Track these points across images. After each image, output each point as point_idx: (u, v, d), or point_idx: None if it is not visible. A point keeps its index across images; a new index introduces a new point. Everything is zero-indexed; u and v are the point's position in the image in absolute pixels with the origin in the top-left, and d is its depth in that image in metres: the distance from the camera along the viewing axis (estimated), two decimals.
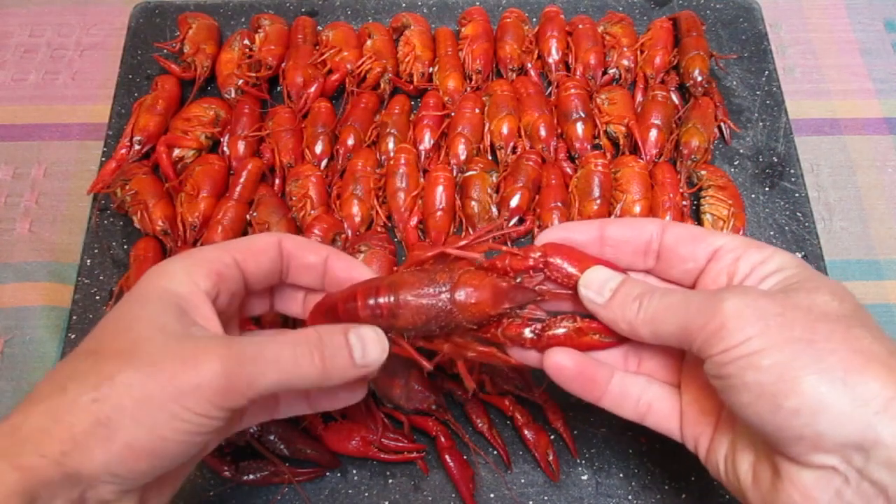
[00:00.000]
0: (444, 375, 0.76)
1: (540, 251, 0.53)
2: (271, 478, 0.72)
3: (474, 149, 0.91)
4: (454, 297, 0.53)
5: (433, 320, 0.53)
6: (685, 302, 0.47)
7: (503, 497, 0.72)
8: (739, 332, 0.43)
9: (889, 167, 0.96)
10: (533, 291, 0.54)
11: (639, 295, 0.50)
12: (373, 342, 0.51)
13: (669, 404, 0.54)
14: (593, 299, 0.51)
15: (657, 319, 0.48)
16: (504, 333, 0.54)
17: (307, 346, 0.49)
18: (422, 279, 0.54)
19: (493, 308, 0.53)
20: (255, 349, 0.47)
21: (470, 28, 0.99)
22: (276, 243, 0.54)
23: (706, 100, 0.94)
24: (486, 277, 0.54)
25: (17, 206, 0.93)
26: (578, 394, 0.54)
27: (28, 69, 1.04)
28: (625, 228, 0.54)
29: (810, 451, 0.42)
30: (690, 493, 0.72)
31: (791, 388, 0.41)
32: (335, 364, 0.49)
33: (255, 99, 0.95)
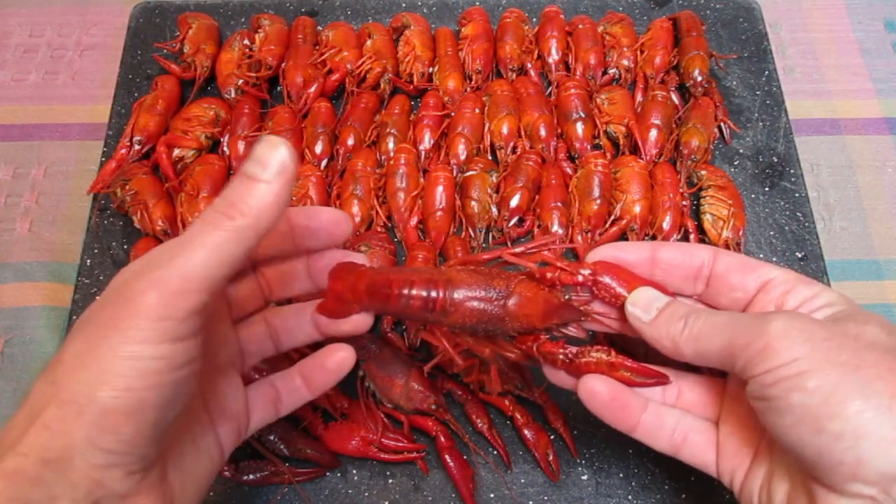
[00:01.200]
0: (444, 375, 0.76)
1: (590, 269, 0.54)
2: (271, 478, 0.72)
3: (474, 149, 0.91)
4: (508, 304, 0.53)
5: (482, 323, 0.54)
6: (731, 321, 0.47)
7: (503, 497, 0.72)
8: (786, 353, 0.43)
9: (889, 167, 0.96)
10: (579, 311, 0.55)
11: (685, 314, 0.50)
12: (266, 151, 0.43)
13: (705, 437, 0.54)
14: (640, 317, 0.52)
15: (702, 337, 0.48)
16: (539, 349, 0.55)
17: (212, 209, 0.43)
18: (479, 281, 0.54)
19: (542, 322, 0.54)
20: (169, 247, 0.43)
21: (470, 28, 0.99)
22: None
23: (706, 100, 0.94)
24: (540, 291, 0.54)
25: (17, 206, 0.93)
26: (611, 422, 0.54)
27: (28, 69, 1.04)
28: (677, 253, 0.54)
29: (849, 478, 0.41)
30: (690, 493, 0.72)
31: (835, 412, 0.41)
32: (249, 201, 0.43)
33: (255, 99, 0.94)
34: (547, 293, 0.55)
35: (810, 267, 0.83)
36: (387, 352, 0.76)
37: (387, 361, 0.75)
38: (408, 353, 0.77)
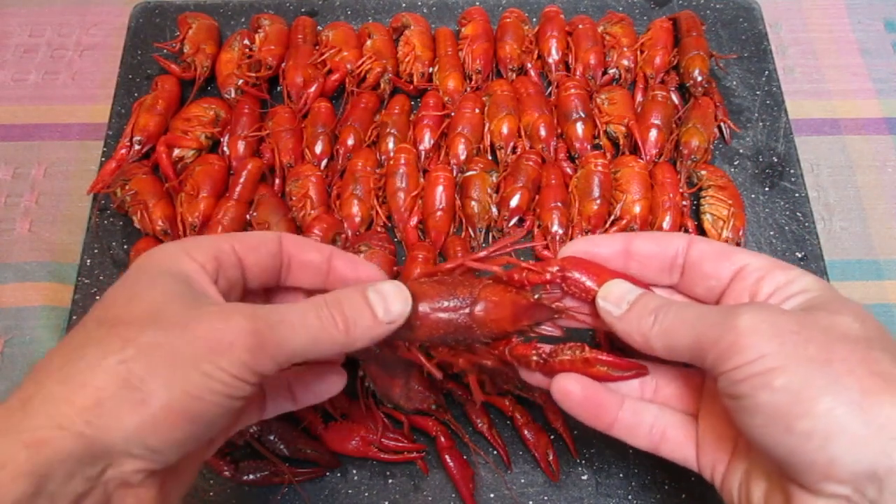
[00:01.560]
0: (444, 375, 0.76)
1: (558, 265, 0.53)
2: (271, 478, 0.72)
3: (474, 149, 0.91)
4: (474, 312, 0.53)
5: (451, 334, 0.53)
6: (701, 316, 0.46)
7: (503, 497, 0.72)
8: (753, 349, 0.42)
9: (889, 167, 0.96)
10: (551, 309, 0.53)
11: (655, 308, 0.49)
12: (393, 296, 0.50)
13: (684, 432, 0.53)
14: (610, 311, 0.51)
15: (671, 332, 0.47)
16: (512, 353, 0.54)
17: (327, 308, 0.47)
18: (441, 292, 0.53)
19: (512, 325, 0.53)
20: (279, 313, 0.45)
21: (470, 28, 0.99)
22: (276, 239, 0.53)
23: (706, 100, 0.94)
24: (506, 293, 0.53)
25: (17, 206, 0.93)
26: (587, 421, 0.52)
27: (28, 69, 1.04)
28: (651, 243, 0.53)
29: (822, 478, 0.40)
30: (690, 493, 0.72)
31: (805, 410, 0.40)
32: (358, 324, 0.48)
33: (255, 99, 0.94)
34: (514, 295, 0.53)
35: (810, 267, 0.83)
36: (387, 352, 0.75)
37: (387, 361, 0.75)
38: None
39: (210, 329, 0.42)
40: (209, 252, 0.48)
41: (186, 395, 0.40)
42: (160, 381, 0.40)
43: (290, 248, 0.54)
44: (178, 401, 0.40)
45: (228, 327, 0.42)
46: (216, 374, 0.41)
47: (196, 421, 0.42)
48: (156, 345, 0.41)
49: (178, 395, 0.40)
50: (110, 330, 0.41)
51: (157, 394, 0.40)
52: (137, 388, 0.39)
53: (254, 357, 0.43)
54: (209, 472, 0.73)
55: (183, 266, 0.47)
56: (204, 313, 0.43)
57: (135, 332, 0.41)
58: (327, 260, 0.54)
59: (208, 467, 0.72)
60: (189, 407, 0.41)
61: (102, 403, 0.39)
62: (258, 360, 0.43)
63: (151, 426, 0.40)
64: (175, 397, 0.40)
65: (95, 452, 0.39)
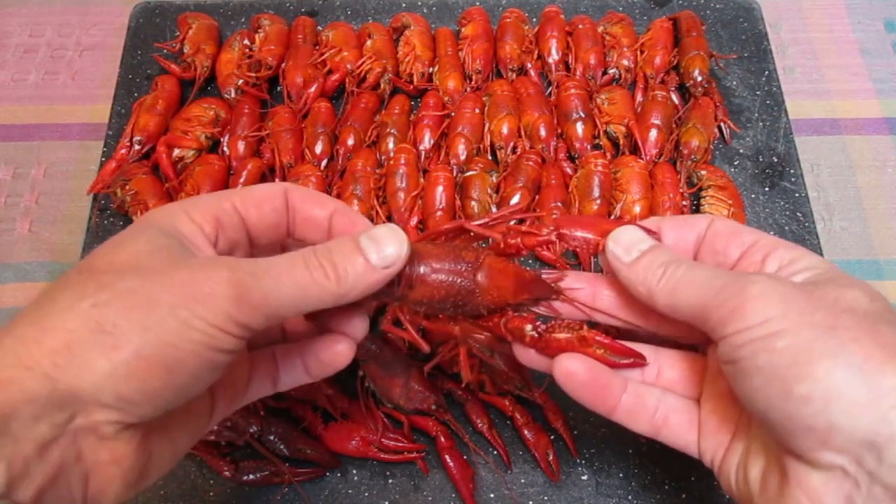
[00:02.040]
0: (444, 375, 0.76)
1: (553, 224, 0.52)
2: (271, 478, 0.72)
3: (474, 149, 0.91)
4: (478, 277, 0.51)
5: (451, 297, 0.51)
6: (710, 278, 0.45)
7: (503, 497, 0.72)
8: (758, 313, 0.41)
9: (889, 167, 0.96)
10: (551, 288, 0.52)
11: (665, 262, 0.47)
12: (387, 238, 0.47)
13: (686, 417, 0.52)
14: (619, 256, 0.49)
15: (678, 290, 0.46)
16: (507, 325, 0.52)
17: (316, 257, 0.45)
18: (447, 253, 0.51)
19: (514, 296, 0.51)
20: (265, 263, 0.43)
21: (470, 28, 0.99)
22: (280, 193, 0.50)
23: (706, 100, 0.94)
24: (510, 263, 0.52)
25: (17, 206, 0.93)
26: (590, 404, 0.51)
27: (28, 69, 1.04)
28: (674, 230, 0.52)
29: (820, 445, 0.39)
30: (690, 493, 0.72)
31: (804, 372, 0.39)
32: (350, 272, 0.45)
33: (255, 99, 0.95)
34: (518, 266, 0.52)
35: None
36: (387, 352, 0.76)
37: (387, 361, 0.75)
38: (408, 353, 0.77)
39: (190, 277, 0.40)
40: (209, 212, 0.47)
41: (161, 343, 0.38)
42: (134, 327, 0.38)
43: (296, 202, 0.51)
44: (152, 348, 0.38)
45: (208, 276, 0.40)
46: (194, 323, 0.39)
47: (173, 371, 0.39)
48: (131, 290, 0.39)
49: (153, 341, 0.38)
50: (89, 276, 0.40)
51: (131, 339, 0.38)
52: (110, 333, 0.37)
53: (237, 307, 0.40)
54: (209, 472, 0.73)
55: (179, 225, 0.45)
56: (185, 263, 0.41)
57: (112, 278, 0.39)
58: (329, 217, 0.52)
59: (208, 467, 0.72)
60: (165, 355, 0.39)
61: (72, 346, 0.37)
62: (242, 311, 0.41)
63: (123, 373, 0.37)
64: (149, 344, 0.38)
65: (63, 396, 0.37)
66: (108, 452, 0.40)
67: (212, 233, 0.47)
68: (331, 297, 0.45)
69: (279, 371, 0.54)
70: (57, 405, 0.37)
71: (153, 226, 0.44)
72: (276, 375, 0.54)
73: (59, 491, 0.39)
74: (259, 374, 0.53)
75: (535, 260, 0.84)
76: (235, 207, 0.48)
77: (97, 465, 0.40)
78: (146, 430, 0.42)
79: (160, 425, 0.43)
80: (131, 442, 0.41)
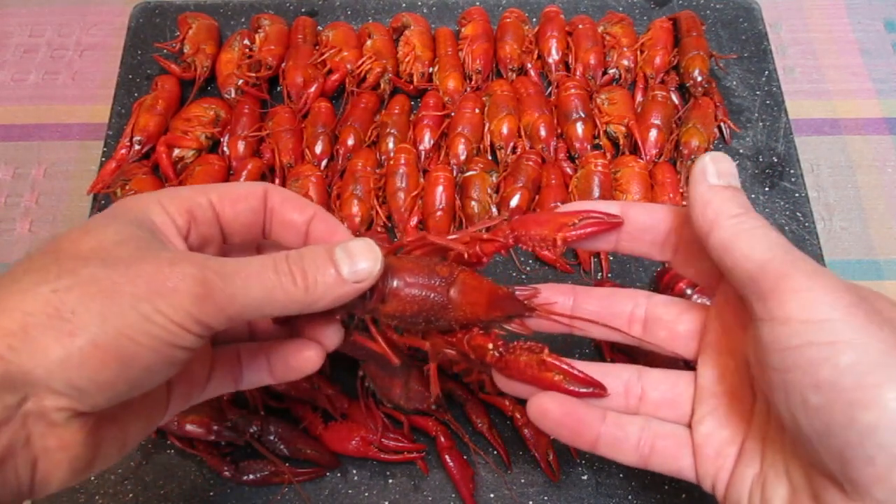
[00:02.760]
0: (444, 375, 0.76)
1: (509, 227, 0.51)
2: (271, 478, 0.72)
3: (474, 149, 0.91)
4: (451, 293, 0.50)
5: (423, 312, 0.50)
6: (787, 246, 0.40)
7: (503, 497, 0.72)
8: (821, 307, 0.37)
9: (889, 167, 0.96)
10: (524, 305, 0.52)
11: (747, 207, 0.43)
12: (362, 252, 0.46)
13: (675, 442, 0.49)
14: (709, 173, 0.44)
15: (747, 236, 0.41)
16: (470, 342, 0.51)
17: (287, 263, 0.44)
18: (422, 268, 0.51)
19: (486, 313, 0.51)
20: (235, 264, 0.42)
21: (470, 28, 0.99)
22: (259, 193, 0.49)
23: (706, 100, 0.94)
24: (485, 280, 0.52)
25: (17, 206, 0.93)
26: (568, 440, 0.49)
27: (28, 69, 1.04)
28: (645, 214, 0.50)
29: (877, 481, 0.35)
30: (690, 493, 0.72)
31: (872, 399, 0.35)
32: (319, 282, 0.44)
33: (255, 99, 0.95)
34: (492, 283, 0.51)
35: None
36: None
37: (387, 361, 0.75)
38: (408, 353, 0.77)
39: (155, 270, 0.39)
40: (183, 205, 0.46)
41: (119, 334, 0.38)
42: (92, 316, 0.37)
43: (275, 203, 0.50)
44: (109, 338, 0.37)
45: (173, 271, 0.39)
46: (154, 318, 0.38)
47: (129, 364, 0.38)
48: (94, 279, 0.38)
49: (110, 332, 0.37)
50: (53, 260, 0.39)
51: (87, 328, 0.37)
52: (67, 320, 0.37)
53: (199, 306, 0.40)
54: (209, 471, 0.73)
55: (152, 215, 0.44)
56: (153, 256, 0.40)
57: (76, 264, 0.39)
58: (307, 222, 0.51)
59: (208, 467, 0.73)
60: (121, 347, 0.38)
61: (28, 330, 0.36)
62: (204, 310, 0.40)
63: (77, 361, 0.37)
64: (106, 334, 0.37)
65: (15, 379, 0.36)
66: (56, 439, 0.39)
67: (184, 225, 0.46)
68: (297, 306, 0.44)
69: (242, 370, 0.53)
70: (8, 387, 0.36)
71: (125, 214, 0.44)
72: (238, 374, 0.53)
73: (5, 475, 0.38)
74: (220, 371, 0.52)
75: (537, 260, 0.84)
76: (211, 203, 0.48)
77: (45, 451, 0.40)
78: (97, 419, 0.41)
79: (112, 415, 0.42)
80: (81, 430, 0.40)
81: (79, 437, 0.40)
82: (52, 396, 0.38)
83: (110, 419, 0.43)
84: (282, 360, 0.52)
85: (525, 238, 0.51)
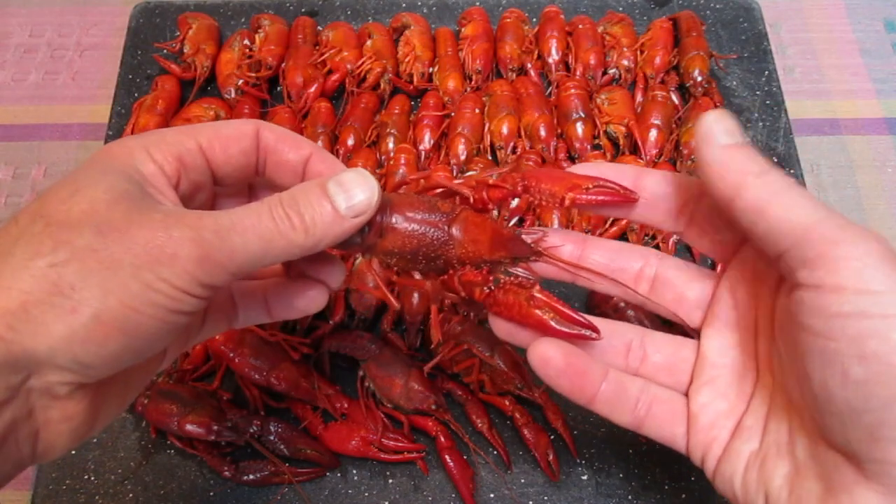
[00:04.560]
0: (444, 375, 0.76)
1: (520, 176, 0.49)
2: (271, 478, 0.72)
3: (474, 149, 0.91)
4: (452, 230, 0.48)
5: (423, 248, 0.48)
6: (823, 206, 0.38)
7: (503, 497, 0.72)
8: (877, 277, 0.34)
9: (889, 167, 0.96)
10: (529, 247, 0.49)
11: (769, 168, 0.40)
12: (356, 183, 0.43)
13: (672, 408, 0.48)
14: (716, 134, 0.41)
15: (781, 196, 0.38)
16: (461, 279, 0.48)
17: (283, 207, 0.42)
18: (422, 203, 0.48)
19: (489, 252, 0.48)
20: (229, 218, 0.41)
21: (470, 28, 0.99)
22: (252, 133, 0.47)
23: (706, 100, 0.94)
24: (488, 219, 0.49)
25: (17, 206, 0.93)
26: (567, 392, 0.47)
27: (28, 69, 1.04)
28: (663, 183, 0.48)
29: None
30: (690, 493, 0.72)
31: None
32: (317, 222, 0.42)
33: (255, 99, 0.95)
34: (496, 222, 0.49)
35: None
36: (387, 352, 0.76)
37: (387, 361, 0.75)
38: (408, 353, 0.77)
39: (151, 237, 0.38)
40: (171, 151, 0.44)
41: (122, 306, 0.37)
42: (93, 290, 0.36)
43: (270, 142, 0.48)
44: (112, 311, 0.36)
45: (170, 237, 0.38)
46: (157, 286, 0.37)
47: (133, 334, 0.38)
48: (91, 249, 0.36)
49: (113, 305, 0.36)
50: (44, 228, 0.37)
51: (89, 303, 0.36)
52: (68, 296, 0.36)
53: (201, 268, 0.39)
54: (209, 471, 0.73)
55: (139, 165, 0.42)
56: (146, 220, 0.38)
57: (70, 233, 0.37)
58: (304, 160, 0.48)
59: (208, 467, 0.73)
60: (125, 319, 0.37)
61: (28, 309, 0.35)
62: (206, 271, 0.39)
63: (81, 337, 0.36)
64: (109, 307, 0.36)
65: (17, 359, 0.36)
66: (59, 411, 0.39)
67: (173, 174, 0.44)
68: (298, 250, 0.43)
69: (237, 310, 0.51)
70: (11, 368, 0.36)
71: (112, 166, 0.41)
72: (232, 314, 0.51)
73: (7, 448, 0.38)
74: (214, 314, 0.51)
75: None
76: (201, 147, 0.45)
77: (48, 423, 0.39)
78: (98, 384, 0.40)
79: (112, 378, 0.41)
80: (83, 400, 0.40)
81: (81, 406, 0.40)
82: (56, 372, 0.37)
83: (111, 382, 0.42)
84: (283, 300, 0.51)
85: (534, 190, 0.48)
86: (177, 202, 0.43)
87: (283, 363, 0.75)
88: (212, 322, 0.51)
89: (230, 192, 0.52)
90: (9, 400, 0.37)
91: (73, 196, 0.39)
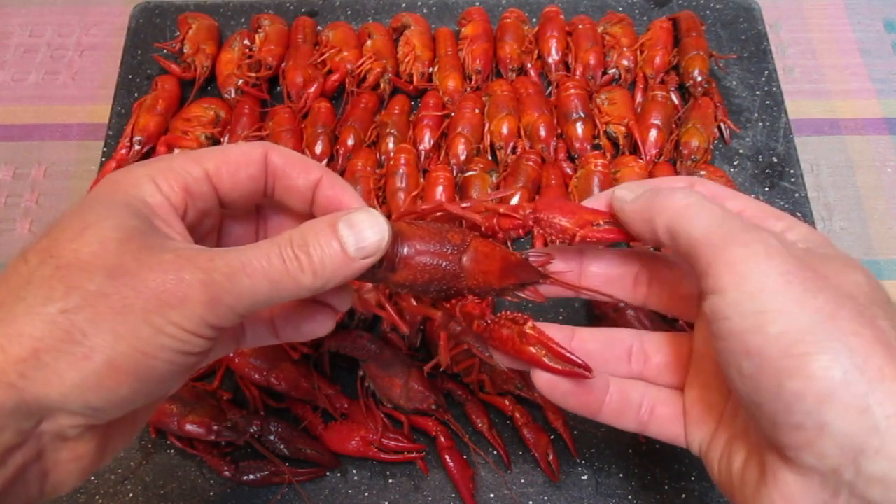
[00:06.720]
0: (444, 375, 0.76)
1: (530, 207, 0.49)
2: (271, 478, 0.72)
3: (474, 149, 0.91)
4: (463, 261, 0.49)
5: (435, 281, 0.48)
6: (722, 215, 0.41)
7: (503, 497, 0.72)
8: (754, 277, 0.37)
9: (889, 167, 0.96)
10: (537, 272, 0.50)
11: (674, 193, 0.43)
12: (367, 225, 0.43)
13: (672, 408, 0.49)
14: (623, 197, 0.46)
15: (686, 216, 0.41)
16: (462, 309, 0.49)
17: (292, 247, 0.42)
18: (433, 234, 0.49)
19: (499, 280, 0.49)
20: (239, 258, 0.40)
21: (470, 28, 0.99)
22: (260, 158, 0.46)
23: (706, 100, 0.94)
24: (497, 247, 0.50)
25: (17, 206, 0.93)
26: (575, 409, 0.49)
27: (28, 69, 1.04)
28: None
29: (804, 445, 0.36)
30: (690, 493, 0.72)
31: (799, 368, 0.35)
32: (327, 264, 0.42)
33: (255, 99, 0.95)
34: (505, 250, 0.50)
35: None
36: (387, 352, 0.76)
37: (387, 361, 0.75)
38: (408, 353, 0.77)
39: (162, 280, 0.38)
40: (178, 181, 0.44)
41: (134, 351, 0.37)
42: (105, 336, 0.36)
43: (277, 167, 0.47)
44: (124, 357, 0.37)
45: (181, 280, 0.38)
46: (168, 329, 0.38)
47: (144, 378, 0.38)
48: (102, 294, 0.36)
49: (125, 350, 0.37)
50: (55, 271, 0.37)
51: (101, 349, 0.36)
52: (80, 342, 0.36)
53: (210, 310, 0.39)
54: (209, 471, 0.73)
55: (146, 196, 0.42)
56: (156, 262, 0.38)
57: (80, 277, 0.37)
58: (314, 185, 0.48)
59: (208, 467, 0.72)
60: (137, 363, 0.37)
61: (40, 356, 0.35)
62: (215, 313, 0.39)
63: (94, 384, 0.36)
64: (121, 353, 0.36)
65: (29, 406, 0.36)
66: (69, 452, 0.39)
67: (180, 204, 0.44)
68: (306, 292, 0.43)
69: (245, 331, 0.51)
70: (24, 414, 0.36)
71: (119, 200, 0.41)
72: (240, 335, 0.51)
73: (15, 490, 0.38)
74: (222, 337, 0.50)
75: None
76: (208, 174, 0.45)
77: (57, 463, 0.40)
78: (107, 423, 0.40)
79: (122, 417, 0.41)
80: (93, 440, 0.40)
81: (91, 445, 0.40)
82: (67, 417, 0.37)
83: (119, 419, 0.42)
84: (290, 322, 0.51)
85: (545, 223, 0.49)
86: (184, 233, 0.43)
87: (283, 363, 0.75)
88: (220, 345, 0.51)
89: (237, 214, 0.52)
90: (20, 444, 0.37)
91: (83, 235, 0.39)
